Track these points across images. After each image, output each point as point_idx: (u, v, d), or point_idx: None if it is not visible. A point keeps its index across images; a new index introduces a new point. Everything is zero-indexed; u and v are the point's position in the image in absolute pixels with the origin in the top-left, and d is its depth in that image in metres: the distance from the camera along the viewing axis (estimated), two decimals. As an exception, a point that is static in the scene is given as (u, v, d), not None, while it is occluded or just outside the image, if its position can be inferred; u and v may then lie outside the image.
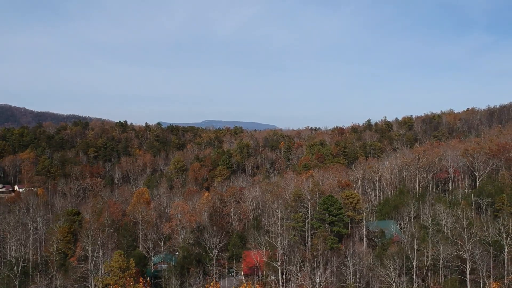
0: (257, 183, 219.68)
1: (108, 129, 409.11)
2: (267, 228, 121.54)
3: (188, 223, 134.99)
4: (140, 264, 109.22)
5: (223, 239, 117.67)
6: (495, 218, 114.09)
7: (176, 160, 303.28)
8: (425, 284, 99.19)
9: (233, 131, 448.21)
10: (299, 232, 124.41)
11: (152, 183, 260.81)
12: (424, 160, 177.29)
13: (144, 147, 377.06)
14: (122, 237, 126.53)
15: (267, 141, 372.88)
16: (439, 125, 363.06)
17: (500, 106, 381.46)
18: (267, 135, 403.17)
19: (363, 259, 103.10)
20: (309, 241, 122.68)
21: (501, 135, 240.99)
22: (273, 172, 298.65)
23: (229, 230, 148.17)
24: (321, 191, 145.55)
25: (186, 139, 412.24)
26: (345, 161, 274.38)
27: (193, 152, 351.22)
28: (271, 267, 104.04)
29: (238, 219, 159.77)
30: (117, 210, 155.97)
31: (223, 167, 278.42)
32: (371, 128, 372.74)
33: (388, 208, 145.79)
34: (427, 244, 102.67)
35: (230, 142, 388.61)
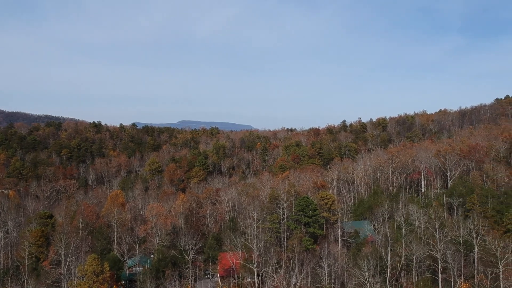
0: (233, 184, 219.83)
1: (82, 129, 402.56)
2: (243, 229, 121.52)
3: (163, 225, 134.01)
4: (114, 268, 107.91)
5: (199, 241, 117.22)
6: (466, 218, 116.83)
7: (152, 161, 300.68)
8: (399, 284, 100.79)
9: (210, 131, 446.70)
10: (275, 234, 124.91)
11: (127, 184, 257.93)
12: (397, 161, 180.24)
13: (118, 148, 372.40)
14: (96, 240, 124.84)
15: (244, 142, 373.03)
16: (412, 126, 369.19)
17: (471, 108, 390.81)
18: (243, 136, 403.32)
19: (338, 260, 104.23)
20: (285, 242, 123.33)
21: (472, 136, 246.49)
22: (250, 173, 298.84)
23: (205, 232, 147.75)
24: (297, 192, 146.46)
25: (161, 140, 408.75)
26: (321, 162, 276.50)
27: (169, 153, 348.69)
28: (247, 269, 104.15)
29: (214, 221, 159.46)
30: (91, 212, 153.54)
31: (199, 168, 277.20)
32: (346, 129, 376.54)
33: (362, 209, 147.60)
34: (401, 244, 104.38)
35: (207, 142, 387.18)
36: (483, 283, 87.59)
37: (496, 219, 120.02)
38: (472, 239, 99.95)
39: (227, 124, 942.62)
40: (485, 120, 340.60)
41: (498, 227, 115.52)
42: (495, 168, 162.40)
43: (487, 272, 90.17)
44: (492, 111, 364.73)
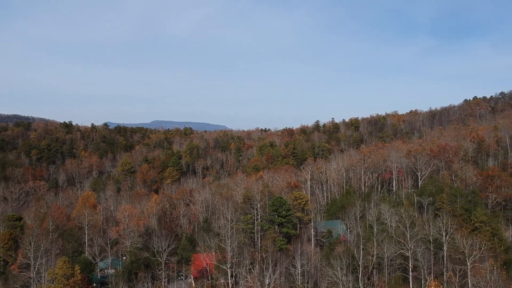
0: (207, 185, 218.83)
1: (52, 130, 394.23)
2: (217, 230, 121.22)
3: (136, 227, 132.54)
4: (86, 270, 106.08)
5: (172, 243, 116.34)
6: (436, 217, 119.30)
7: (124, 161, 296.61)
8: (371, 282, 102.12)
9: (183, 132, 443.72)
10: (248, 234, 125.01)
11: (99, 186, 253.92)
12: (369, 161, 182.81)
13: (90, 148, 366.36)
14: (67, 243, 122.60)
15: (218, 142, 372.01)
16: (384, 127, 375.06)
17: (441, 109, 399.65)
18: (217, 136, 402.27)
19: (311, 259, 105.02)
20: (258, 242, 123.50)
21: (442, 137, 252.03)
22: (224, 174, 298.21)
23: (179, 233, 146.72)
24: (271, 193, 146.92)
25: (134, 140, 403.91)
26: (294, 162, 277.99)
27: (142, 153, 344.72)
28: (221, 269, 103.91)
29: (188, 222, 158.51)
30: (61, 214, 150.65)
31: (172, 168, 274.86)
32: (319, 129, 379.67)
33: (335, 208, 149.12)
34: (372, 243, 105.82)
35: (180, 143, 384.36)
36: (452, 280, 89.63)
37: (464, 218, 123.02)
38: (441, 238, 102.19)
39: (201, 124, 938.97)
40: (454, 120, 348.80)
41: (466, 225, 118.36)
42: (463, 168, 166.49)
43: (456, 269, 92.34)
44: (461, 112, 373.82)
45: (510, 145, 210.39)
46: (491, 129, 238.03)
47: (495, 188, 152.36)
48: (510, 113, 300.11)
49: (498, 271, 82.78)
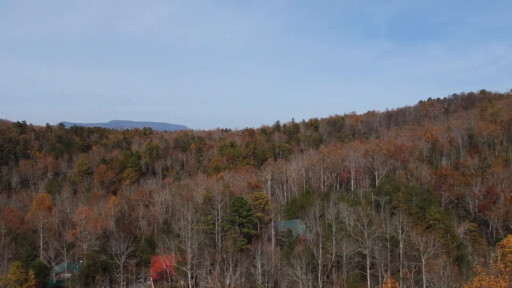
0: (167, 186, 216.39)
1: (5, 129, 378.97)
2: (177, 231, 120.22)
3: (93, 229, 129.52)
4: (40, 275, 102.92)
5: (131, 245, 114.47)
6: (392, 215, 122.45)
7: (81, 162, 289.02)
8: (330, 280, 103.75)
9: (143, 132, 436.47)
10: (209, 235, 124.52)
11: (54, 187, 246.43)
12: (328, 161, 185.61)
13: (45, 149, 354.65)
14: (21, 247, 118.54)
15: (178, 142, 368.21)
16: (343, 127, 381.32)
17: (397, 109, 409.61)
18: (177, 136, 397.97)
19: (271, 259, 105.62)
20: (219, 243, 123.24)
21: (398, 137, 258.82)
22: (184, 174, 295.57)
23: (138, 235, 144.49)
24: (231, 193, 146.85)
25: (91, 141, 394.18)
26: (255, 162, 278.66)
27: (99, 154, 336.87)
28: (181, 271, 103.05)
29: (147, 223, 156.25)
30: (14, 217, 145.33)
31: (131, 169, 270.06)
32: (280, 130, 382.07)
33: (295, 208, 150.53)
34: (331, 242, 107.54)
35: (139, 143, 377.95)
36: (407, 276, 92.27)
37: (419, 216, 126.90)
38: (397, 235, 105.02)
39: (161, 124, 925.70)
40: (409, 121, 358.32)
41: (421, 223, 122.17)
42: (418, 167, 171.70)
43: (411, 266, 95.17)
44: (416, 113, 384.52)
45: (462, 145, 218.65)
46: (445, 129, 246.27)
47: (448, 186, 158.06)
48: (462, 114, 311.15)
49: (451, 266, 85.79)
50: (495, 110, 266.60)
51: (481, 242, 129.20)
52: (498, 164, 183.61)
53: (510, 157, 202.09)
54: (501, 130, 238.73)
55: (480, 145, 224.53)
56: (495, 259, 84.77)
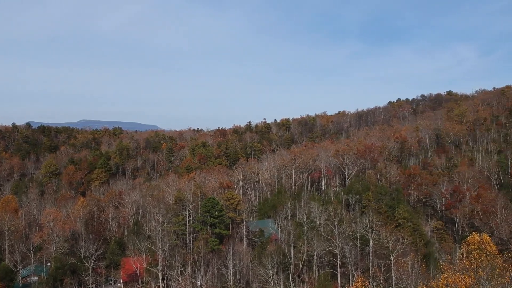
0: (137, 187, 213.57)
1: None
2: (148, 233, 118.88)
3: (61, 231, 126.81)
4: (6, 279, 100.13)
5: (100, 247, 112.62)
6: (362, 214, 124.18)
7: (48, 163, 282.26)
8: (301, 279, 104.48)
9: (112, 132, 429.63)
10: (180, 236, 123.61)
11: (21, 189, 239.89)
12: (300, 160, 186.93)
13: (11, 149, 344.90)
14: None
15: (149, 143, 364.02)
16: (314, 127, 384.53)
17: (367, 110, 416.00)
18: (148, 136, 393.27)
19: (243, 259, 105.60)
20: (190, 244, 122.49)
21: (368, 137, 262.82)
22: (155, 175, 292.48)
23: (107, 237, 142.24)
24: (203, 193, 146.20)
25: (59, 141, 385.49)
26: (227, 162, 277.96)
27: (68, 154, 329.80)
28: (152, 273, 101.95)
29: (117, 225, 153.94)
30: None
31: (100, 170, 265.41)
32: (251, 130, 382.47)
33: (267, 208, 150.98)
34: (303, 241, 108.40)
35: (109, 143, 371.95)
36: (377, 275, 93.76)
37: (388, 214, 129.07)
38: (367, 234, 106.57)
39: (132, 124, 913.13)
40: (379, 121, 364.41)
41: (390, 221, 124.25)
42: (388, 167, 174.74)
43: (381, 264, 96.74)
44: (386, 113, 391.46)
45: (430, 145, 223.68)
46: (413, 129, 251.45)
47: (416, 186, 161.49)
48: (430, 114, 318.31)
49: (419, 264, 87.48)
50: (461, 111, 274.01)
51: (447, 240, 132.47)
52: (464, 163, 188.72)
53: (475, 156, 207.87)
54: (467, 131, 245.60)
55: (447, 145, 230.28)
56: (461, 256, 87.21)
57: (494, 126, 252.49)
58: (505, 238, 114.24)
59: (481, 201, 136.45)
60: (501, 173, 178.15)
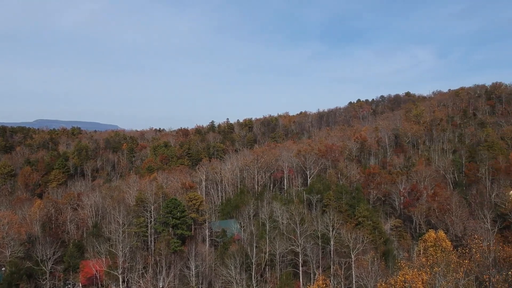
0: (97, 188, 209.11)
1: None
2: (108, 235, 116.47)
3: (17, 235, 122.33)
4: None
5: (58, 250, 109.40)
6: (323, 213, 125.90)
7: (3, 164, 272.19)
8: (263, 279, 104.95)
9: (71, 131, 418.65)
10: (141, 238, 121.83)
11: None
12: (262, 160, 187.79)
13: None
14: None
15: (109, 143, 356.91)
16: (276, 127, 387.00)
17: (328, 110, 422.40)
18: (108, 136, 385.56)
19: (205, 260, 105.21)
20: (152, 245, 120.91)
21: (329, 137, 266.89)
22: (115, 175, 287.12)
23: (66, 240, 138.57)
24: (165, 194, 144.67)
25: (15, 141, 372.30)
26: (189, 162, 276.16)
27: (24, 155, 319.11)
28: (112, 275, 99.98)
29: (76, 227, 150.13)
30: None
31: (58, 171, 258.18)
32: (214, 130, 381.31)
33: (229, 208, 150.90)
34: (265, 240, 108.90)
35: (67, 143, 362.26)
36: (338, 273, 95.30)
37: (349, 213, 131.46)
38: (328, 233, 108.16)
39: (91, 124, 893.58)
40: (340, 121, 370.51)
41: (351, 220, 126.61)
42: (348, 166, 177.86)
43: (342, 262, 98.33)
44: (346, 114, 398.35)
45: (389, 145, 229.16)
46: (373, 130, 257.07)
47: (376, 184, 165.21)
48: (389, 115, 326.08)
49: (378, 261, 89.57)
50: (418, 111, 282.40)
51: (405, 237, 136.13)
52: (421, 162, 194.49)
53: (431, 156, 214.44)
54: (424, 131, 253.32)
55: (405, 144, 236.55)
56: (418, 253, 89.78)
57: (449, 126, 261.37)
58: (459, 234, 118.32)
59: (437, 199, 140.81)
60: (456, 172, 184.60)
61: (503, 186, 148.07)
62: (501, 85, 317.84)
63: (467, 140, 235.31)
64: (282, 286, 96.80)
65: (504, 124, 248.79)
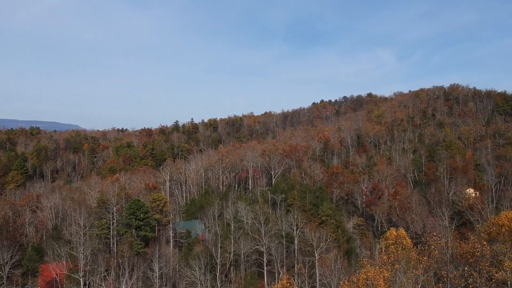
0: (57, 189, 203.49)
1: None
2: (68, 238, 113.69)
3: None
4: None
5: (16, 254, 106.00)
6: (288, 213, 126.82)
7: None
8: (228, 279, 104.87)
9: (29, 131, 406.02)
10: (103, 240, 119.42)
11: None
12: (227, 160, 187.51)
13: None
14: None
15: (69, 143, 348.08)
16: (241, 127, 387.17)
17: (292, 111, 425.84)
18: (69, 136, 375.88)
19: (169, 261, 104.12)
20: (114, 248, 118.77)
21: (293, 137, 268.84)
22: (76, 177, 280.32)
23: (24, 243, 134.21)
24: (128, 195, 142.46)
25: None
26: (153, 163, 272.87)
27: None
28: (72, 279, 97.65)
29: (35, 230, 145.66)
30: None
31: (16, 172, 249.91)
32: (178, 130, 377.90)
33: (194, 208, 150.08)
34: (230, 241, 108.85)
35: (26, 144, 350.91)
36: (302, 271, 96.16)
37: (313, 212, 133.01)
38: (292, 232, 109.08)
39: (50, 124, 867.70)
40: (304, 122, 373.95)
41: (315, 219, 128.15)
42: (312, 166, 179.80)
43: (305, 261, 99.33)
44: (310, 114, 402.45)
45: (351, 145, 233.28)
46: (336, 130, 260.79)
47: (339, 184, 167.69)
48: (351, 115, 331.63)
49: (341, 260, 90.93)
50: (380, 112, 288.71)
51: (368, 236, 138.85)
52: (383, 162, 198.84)
53: (393, 155, 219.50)
54: (385, 131, 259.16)
55: (367, 144, 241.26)
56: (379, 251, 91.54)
57: (410, 126, 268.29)
58: (419, 232, 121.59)
59: (398, 197, 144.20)
60: (416, 171, 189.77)
61: (460, 184, 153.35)
62: (458, 86, 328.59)
63: (426, 140, 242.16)
64: (247, 286, 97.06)
65: (461, 124, 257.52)
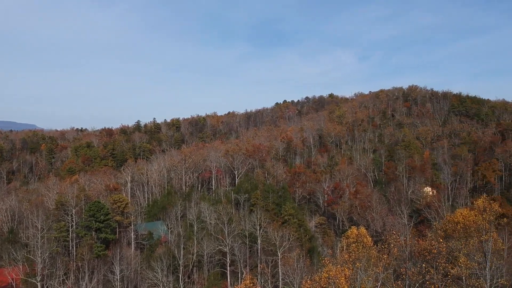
0: (13, 191, 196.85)
1: None
2: (25, 241, 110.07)
3: None
4: None
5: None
6: (251, 212, 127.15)
7: None
8: (191, 280, 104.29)
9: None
10: (62, 243, 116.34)
11: None
12: (190, 161, 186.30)
13: None
14: None
15: (26, 143, 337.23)
16: (204, 127, 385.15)
17: (256, 111, 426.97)
18: (25, 136, 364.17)
19: (131, 264, 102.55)
20: (74, 251, 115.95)
21: (256, 137, 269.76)
22: (33, 178, 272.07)
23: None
24: (88, 197, 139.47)
25: None
26: (114, 163, 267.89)
27: None
28: (29, 283, 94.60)
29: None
30: None
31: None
32: (140, 130, 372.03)
33: (156, 209, 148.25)
34: (193, 241, 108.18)
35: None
36: (265, 271, 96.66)
37: (276, 212, 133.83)
38: (256, 232, 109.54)
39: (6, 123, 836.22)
40: (267, 122, 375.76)
41: (277, 218, 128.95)
42: (275, 166, 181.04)
43: (268, 260, 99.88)
44: (273, 114, 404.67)
45: (313, 145, 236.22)
46: (298, 130, 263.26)
47: (301, 183, 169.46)
48: (313, 116, 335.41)
49: (304, 259, 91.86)
50: (341, 112, 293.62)
51: (329, 234, 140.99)
52: (344, 162, 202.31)
53: (353, 155, 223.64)
54: (346, 131, 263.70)
55: (329, 144, 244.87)
56: (341, 249, 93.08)
57: (370, 127, 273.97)
58: (379, 230, 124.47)
59: (359, 196, 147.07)
60: (376, 171, 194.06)
61: (418, 183, 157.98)
62: (417, 88, 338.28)
63: (386, 140, 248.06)
64: (210, 287, 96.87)
65: (419, 124, 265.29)
